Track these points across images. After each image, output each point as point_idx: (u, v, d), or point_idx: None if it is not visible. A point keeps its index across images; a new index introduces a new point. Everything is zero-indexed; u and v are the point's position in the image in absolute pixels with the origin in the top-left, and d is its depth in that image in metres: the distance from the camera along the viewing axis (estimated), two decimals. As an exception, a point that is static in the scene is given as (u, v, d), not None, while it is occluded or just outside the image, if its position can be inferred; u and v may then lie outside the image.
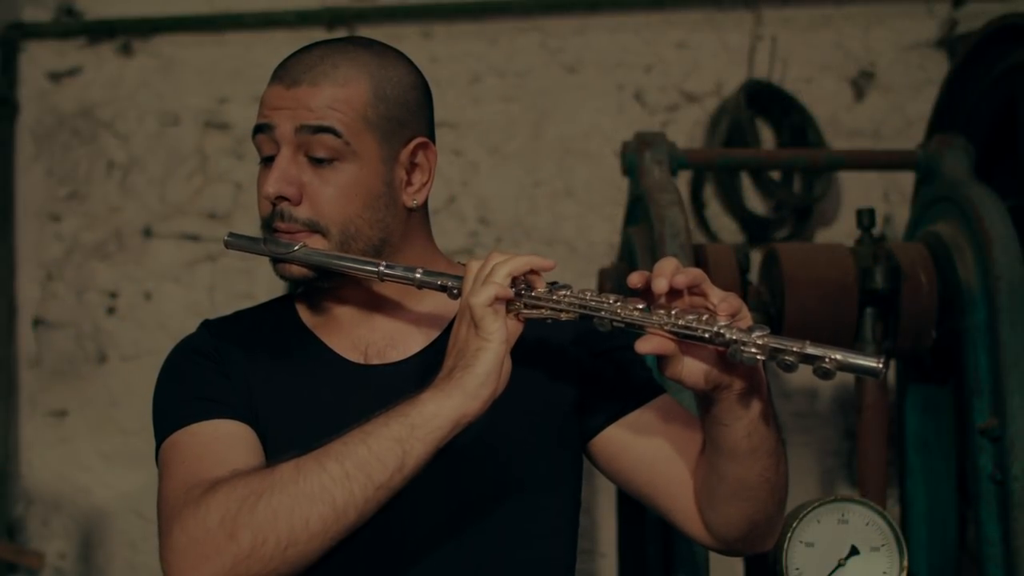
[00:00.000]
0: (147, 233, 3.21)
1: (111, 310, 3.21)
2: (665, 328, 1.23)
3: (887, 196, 3.07)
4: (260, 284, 3.13)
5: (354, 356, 1.43)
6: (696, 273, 1.25)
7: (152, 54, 3.23)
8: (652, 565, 2.03)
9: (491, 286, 1.27)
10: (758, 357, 1.20)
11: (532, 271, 1.30)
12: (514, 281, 1.29)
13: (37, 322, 3.23)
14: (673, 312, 1.23)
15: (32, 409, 3.21)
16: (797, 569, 1.60)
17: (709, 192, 3.14)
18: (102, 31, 3.23)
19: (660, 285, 1.23)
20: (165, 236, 3.21)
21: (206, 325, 1.49)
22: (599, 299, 1.27)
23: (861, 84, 3.13)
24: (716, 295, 1.25)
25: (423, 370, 1.37)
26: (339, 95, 1.37)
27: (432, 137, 1.47)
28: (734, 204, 3.10)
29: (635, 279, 1.26)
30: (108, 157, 3.22)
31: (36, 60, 3.25)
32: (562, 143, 3.15)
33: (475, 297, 1.27)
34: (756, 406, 1.28)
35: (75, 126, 3.23)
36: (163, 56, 3.23)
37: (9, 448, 3.17)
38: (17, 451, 3.20)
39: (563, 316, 1.29)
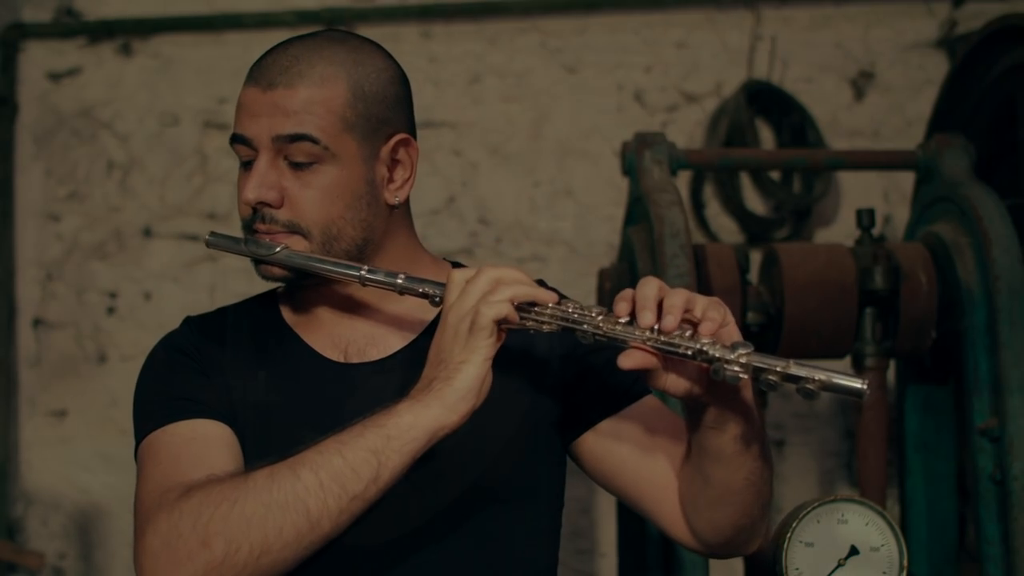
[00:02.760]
0: (147, 233, 3.21)
1: (111, 310, 3.21)
2: (648, 344, 1.23)
3: (887, 196, 3.08)
4: (260, 284, 3.11)
5: (334, 354, 1.42)
6: (680, 304, 1.22)
7: (152, 54, 3.23)
8: (652, 565, 2.03)
9: (503, 305, 1.25)
10: (740, 376, 1.20)
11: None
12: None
13: (37, 322, 3.22)
14: (656, 328, 1.22)
15: (32, 409, 3.21)
16: (797, 569, 1.60)
17: (709, 192, 3.14)
18: (102, 31, 3.23)
19: (646, 319, 1.21)
20: (165, 236, 3.21)
21: (188, 322, 1.49)
22: (582, 312, 1.26)
23: (861, 84, 3.13)
24: (700, 306, 1.23)
25: (404, 368, 1.36)
26: (316, 96, 1.36)
27: (413, 131, 1.45)
28: (734, 204, 3.10)
29: (621, 309, 1.24)
30: (108, 157, 3.22)
31: (36, 60, 3.25)
32: (562, 143, 3.14)
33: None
34: (742, 412, 1.28)
35: (75, 126, 3.23)
36: (162, 56, 3.23)
37: (9, 448, 3.17)
38: (17, 451, 3.20)
39: (545, 328, 1.28)
